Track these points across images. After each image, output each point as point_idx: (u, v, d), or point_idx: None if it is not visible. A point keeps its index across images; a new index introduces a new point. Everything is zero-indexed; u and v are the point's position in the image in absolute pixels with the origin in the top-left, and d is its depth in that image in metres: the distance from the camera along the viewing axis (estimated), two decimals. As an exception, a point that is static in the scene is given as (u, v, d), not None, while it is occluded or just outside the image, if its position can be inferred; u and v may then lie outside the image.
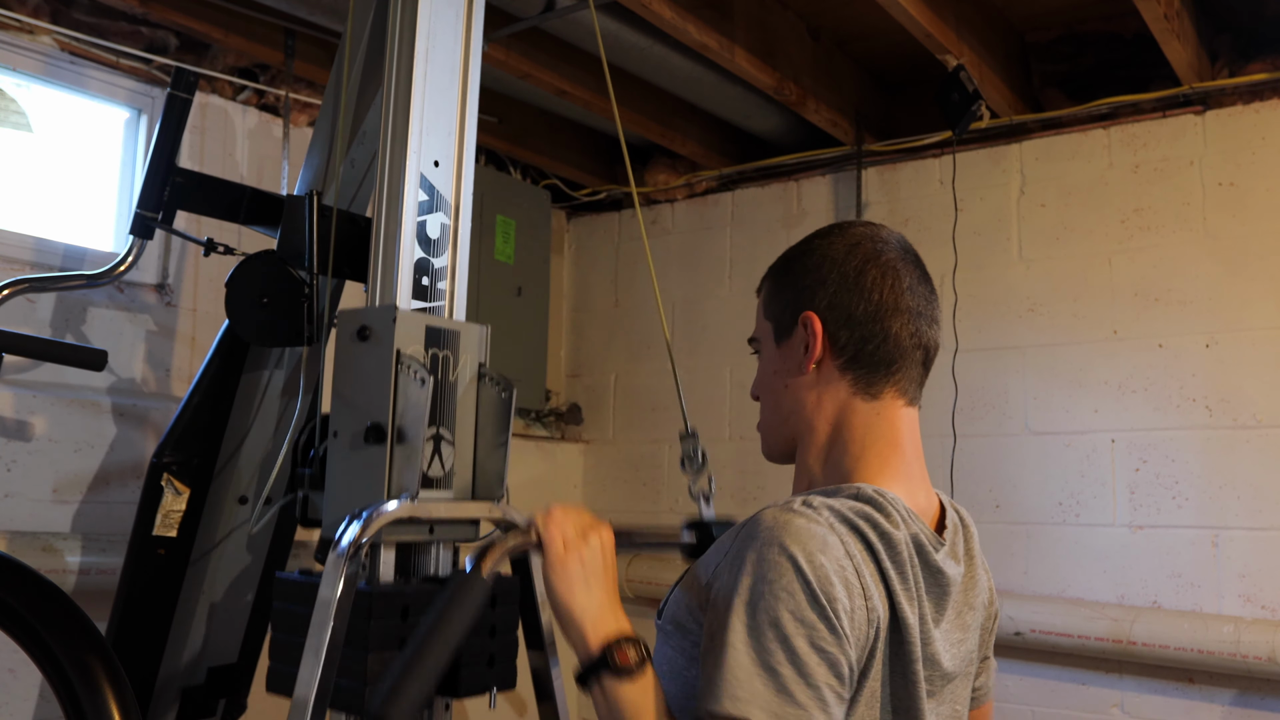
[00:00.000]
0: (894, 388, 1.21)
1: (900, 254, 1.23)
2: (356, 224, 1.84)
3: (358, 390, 1.56)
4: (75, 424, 2.44)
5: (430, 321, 1.61)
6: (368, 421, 1.53)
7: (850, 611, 1.03)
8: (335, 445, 1.58)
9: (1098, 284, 3.00)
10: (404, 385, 1.53)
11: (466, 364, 1.65)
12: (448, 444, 1.59)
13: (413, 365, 1.53)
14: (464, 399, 1.64)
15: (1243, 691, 2.69)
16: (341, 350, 1.60)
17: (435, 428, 1.57)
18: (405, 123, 1.65)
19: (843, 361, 1.21)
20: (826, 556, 1.04)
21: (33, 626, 1.59)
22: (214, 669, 2.10)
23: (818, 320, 1.21)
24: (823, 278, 1.22)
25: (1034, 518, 3.02)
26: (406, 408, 1.52)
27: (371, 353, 1.56)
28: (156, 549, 1.98)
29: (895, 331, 1.20)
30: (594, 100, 3.06)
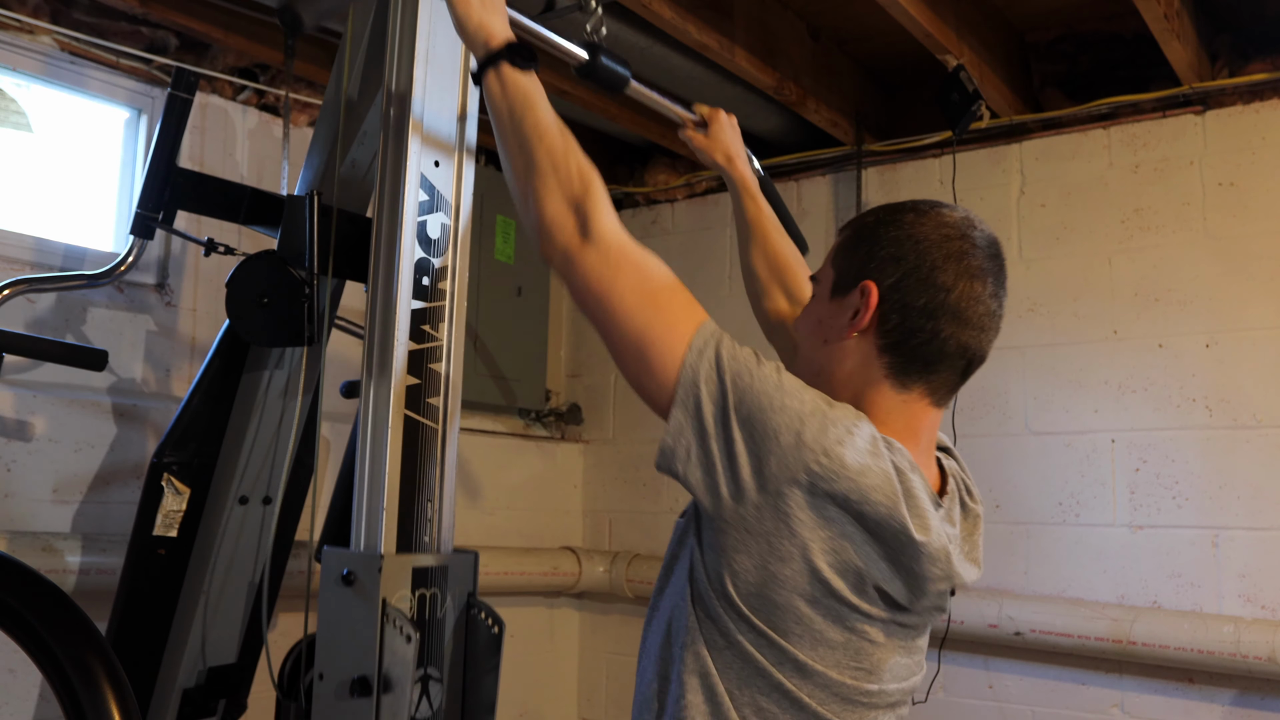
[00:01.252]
0: (925, 385, 1.22)
1: (986, 259, 1.23)
2: (356, 224, 1.84)
3: (343, 637, 1.54)
4: (75, 424, 2.44)
5: (417, 562, 1.58)
6: (354, 674, 1.51)
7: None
8: (321, 688, 1.55)
9: (1098, 284, 3.00)
10: (389, 638, 1.50)
11: (456, 595, 1.62)
12: (436, 682, 1.58)
13: (399, 620, 1.50)
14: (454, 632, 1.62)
15: (1243, 691, 2.69)
16: (326, 590, 1.57)
17: (423, 669, 1.56)
18: (405, 123, 1.65)
19: (884, 344, 1.21)
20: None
21: (33, 626, 1.59)
22: (214, 669, 2.10)
23: (876, 295, 1.20)
24: (900, 255, 1.21)
25: (1034, 518, 3.02)
26: (393, 661, 1.50)
27: (356, 601, 1.53)
28: (156, 549, 1.98)
29: (945, 335, 1.20)
30: (594, 100, 3.06)
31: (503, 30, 1.34)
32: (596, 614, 3.78)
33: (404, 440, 1.60)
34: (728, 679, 1.14)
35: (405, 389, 1.61)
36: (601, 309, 1.17)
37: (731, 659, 1.14)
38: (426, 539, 1.62)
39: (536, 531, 3.65)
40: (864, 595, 1.12)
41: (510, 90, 1.30)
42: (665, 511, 3.65)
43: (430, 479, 1.63)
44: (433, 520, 1.63)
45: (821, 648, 1.13)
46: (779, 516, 1.08)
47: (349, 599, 1.54)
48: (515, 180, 1.28)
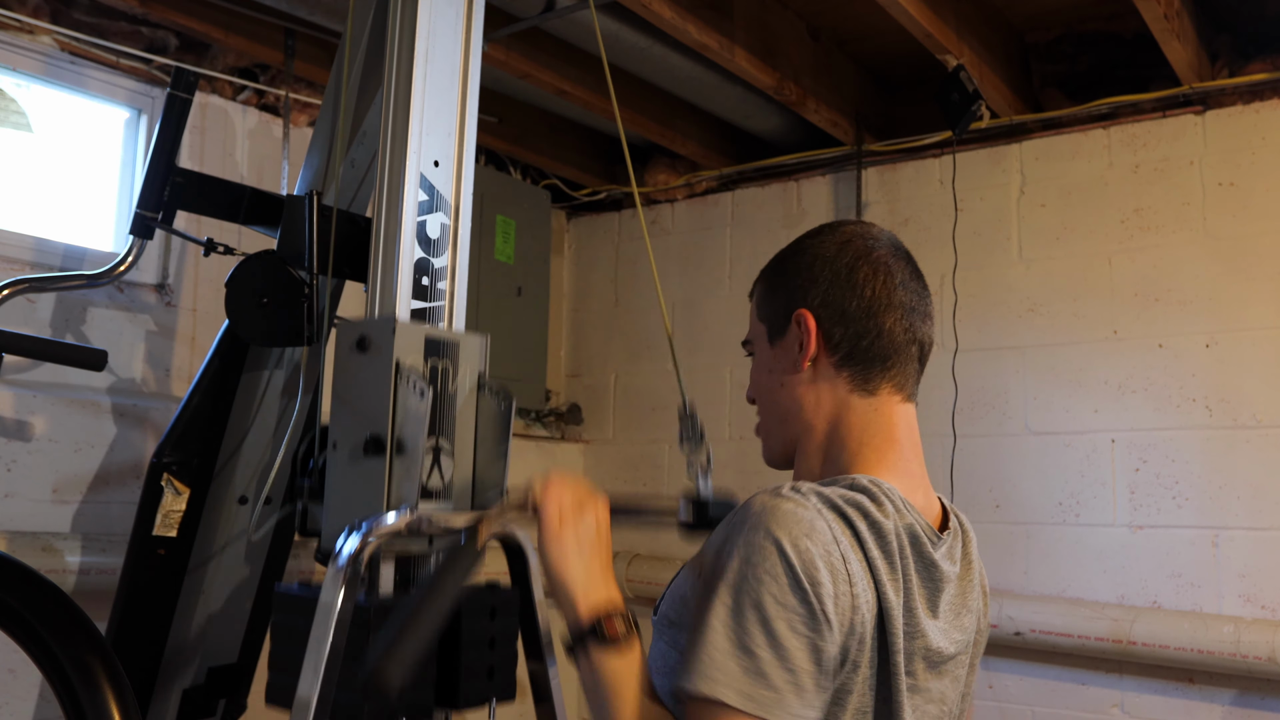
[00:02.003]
0: (890, 383, 1.21)
1: (891, 250, 1.24)
2: (356, 224, 1.84)
3: (357, 401, 1.55)
4: (75, 424, 2.44)
5: (430, 332, 1.60)
6: (367, 433, 1.52)
7: (835, 597, 1.03)
8: (334, 456, 1.57)
9: (1098, 284, 3.00)
10: (403, 396, 1.52)
11: (466, 374, 1.64)
12: (447, 455, 1.59)
13: (412, 377, 1.52)
14: (463, 410, 1.63)
15: (1243, 691, 2.69)
16: (340, 360, 1.59)
17: (434, 439, 1.57)
18: (405, 123, 1.65)
19: (838, 358, 1.21)
20: (812, 541, 1.04)
21: (33, 626, 1.59)
22: (214, 669, 2.10)
23: (811, 317, 1.21)
24: (815, 276, 1.22)
25: (1034, 518, 3.02)
26: (406, 419, 1.51)
27: (370, 364, 1.55)
28: (156, 549, 1.98)
29: (889, 327, 1.20)
30: (594, 100, 3.06)
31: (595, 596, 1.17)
32: (596, 614, 3.78)
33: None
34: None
35: (405, 388, 1.61)
36: None
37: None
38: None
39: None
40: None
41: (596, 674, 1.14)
42: (665, 511, 3.64)
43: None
44: None
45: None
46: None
47: (363, 363, 1.55)
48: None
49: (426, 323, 1.63)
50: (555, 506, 1.21)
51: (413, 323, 1.60)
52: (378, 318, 1.60)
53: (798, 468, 1.25)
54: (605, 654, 1.13)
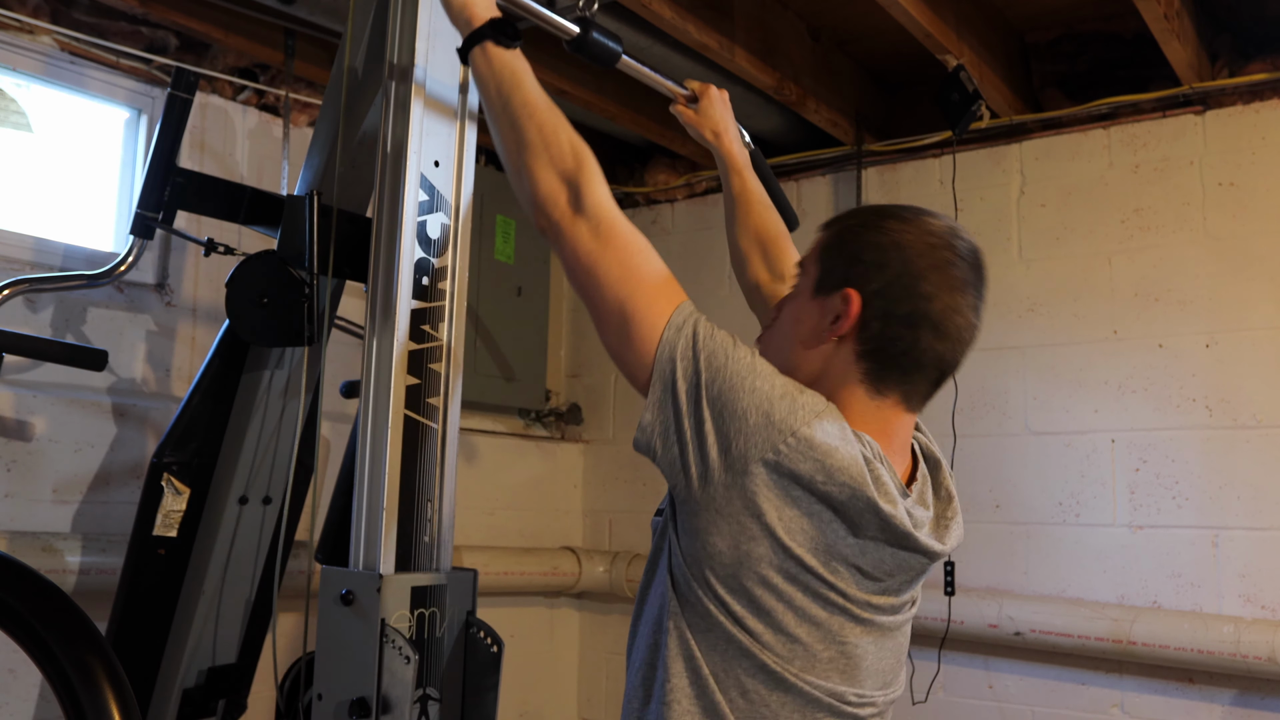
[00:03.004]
0: (900, 393, 1.22)
1: (970, 270, 1.23)
2: (357, 224, 1.84)
3: (342, 657, 1.54)
4: (75, 424, 2.44)
5: (416, 581, 1.57)
6: (353, 694, 1.51)
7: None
8: (320, 709, 1.55)
9: (1098, 284, 3.00)
10: (389, 658, 1.50)
11: (455, 614, 1.62)
12: (435, 702, 1.57)
13: (397, 641, 1.50)
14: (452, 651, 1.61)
15: (1243, 691, 2.69)
16: (325, 610, 1.56)
17: (422, 689, 1.55)
18: (405, 123, 1.65)
19: (862, 350, 1.20)
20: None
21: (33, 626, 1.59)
22: (214, 669, 2.10)
23: (858, 303, 1.20)
24: (884, 262, 1.20)
25: (1034, 518, 3.02)
26: (392, 682, 1.50)
27: (355, 623, 1.53)
28: (156, 549, 1.98)
29: (924, 346, 1.20)
30: (594, 100, 3.06)
31: (486, 8, 1.37)
32: (596, 614, 3.78)
33: (404, 440, 1.60)
34: (711, 661, 1.15)
35: (405, 389, 1.61)
36: (589, 280, 1.20)
37: (714, 640, 1.15)
38: (426, 540, 1.62)
39: (536, 531, 3.65)
40: (834, 571, 1.14)
41: (496, 67, 1.32)
42: (665, 511, 3.65)
43: (430, 479, 1.63)
44: (432, 521, 1.63)
45: (804, 625, 1.14)
46: (746, 496, 1.09)
47: (348, 619, 1.53)
48: (508, 156, 1.30)
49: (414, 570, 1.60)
50: None
51: (398, 574, 1.57)
52: (362, 571, 1.57)
53: None
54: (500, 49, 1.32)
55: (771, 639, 1.13)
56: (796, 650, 1.14)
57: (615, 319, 1.18)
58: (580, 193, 1.22)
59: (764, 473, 1.09)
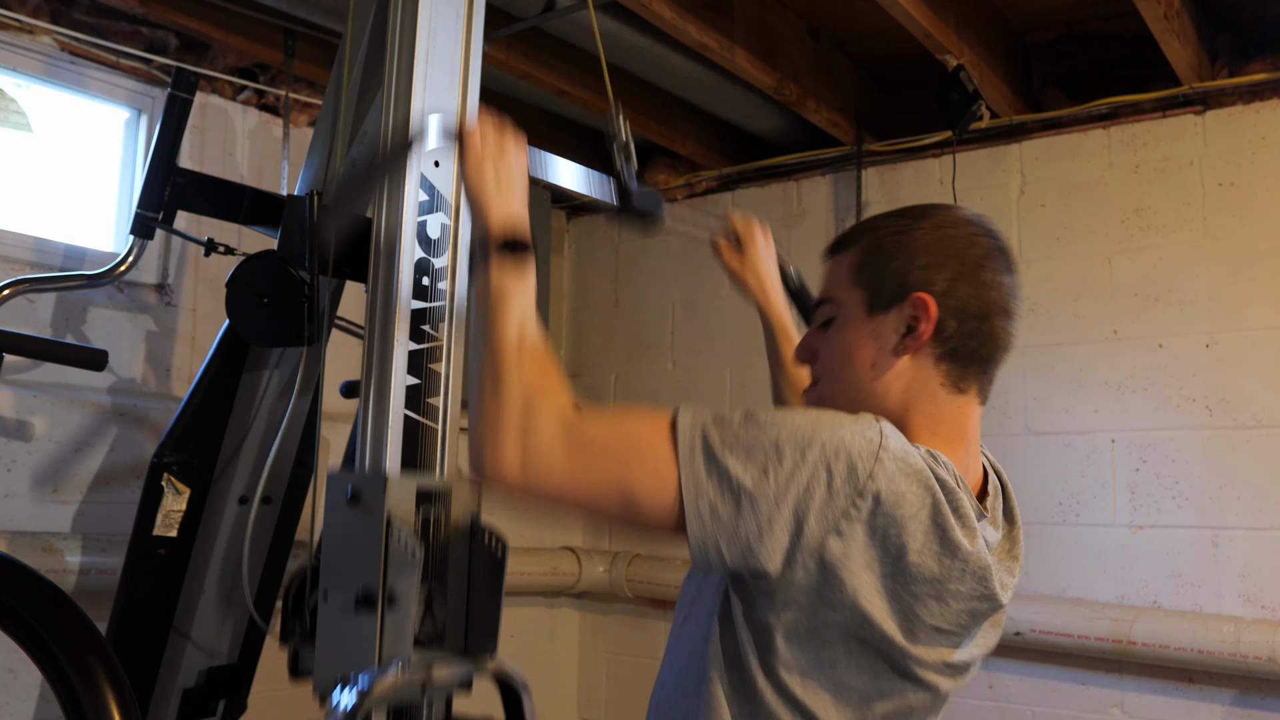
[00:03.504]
0: (978, 383, 1.20)
1: (1005, 252, 1.21)
2: (357, 224, 1.84)
3: (348, 554, 1.55)
4: (75, 424, 2.44)
5: (422, 483, 1.59)
6: (359, 588, 1.52)
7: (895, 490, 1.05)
8: (326, 607, 1.56)
9: (1098, 284, 3.00)
10: (394, 553, 1.51)
11: (460, 518, 1.63)
12: (440, 602, 1.58)
13: (403, 535, 1.51)
14: (457, 553, 1.61)
15: (1243, 691, 2.69)
16: (331, 510, 1.58)
17: (427, 586, 1.56)
18: (405, 123, 1.65)
19: (942, 352, 1.17)
20: (895, 443, 1.07)
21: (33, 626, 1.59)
22: (214, 669, 2.10)
23: (935, 306, 1.15)
24: (942, 261, 1.17)
25: (1034, 518, 3.01)
26: (397, 576, 1.51)
27: (361, 520, 1.54)
28: (156, 549, 1.98)
29: (998, 332, 1.18)
30: (594, 100, 3.06)
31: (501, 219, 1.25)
32: (596, 614, 3.78)
33: (404, 440, 1.61)
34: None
35: (405, 389, 1.61)
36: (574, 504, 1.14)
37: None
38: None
39: (536, 531, 3.65)
40: (914, 638, 1.09)
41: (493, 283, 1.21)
42: (665, 511, 3.64)
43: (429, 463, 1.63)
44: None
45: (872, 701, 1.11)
46: (824, 569, 1.04)
47: (354, 517, 1.55)
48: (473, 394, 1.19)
49: (418, 472, 1.61)
50: (478, 138, 1.32)
51: (404, 476, 1.58)
52: (368, 471, 1.58)
53: None
54: (503, 264, 1.22)
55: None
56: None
57: (619, 510, 1.09)
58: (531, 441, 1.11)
59: (839, 542, 1.04)
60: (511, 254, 1.22)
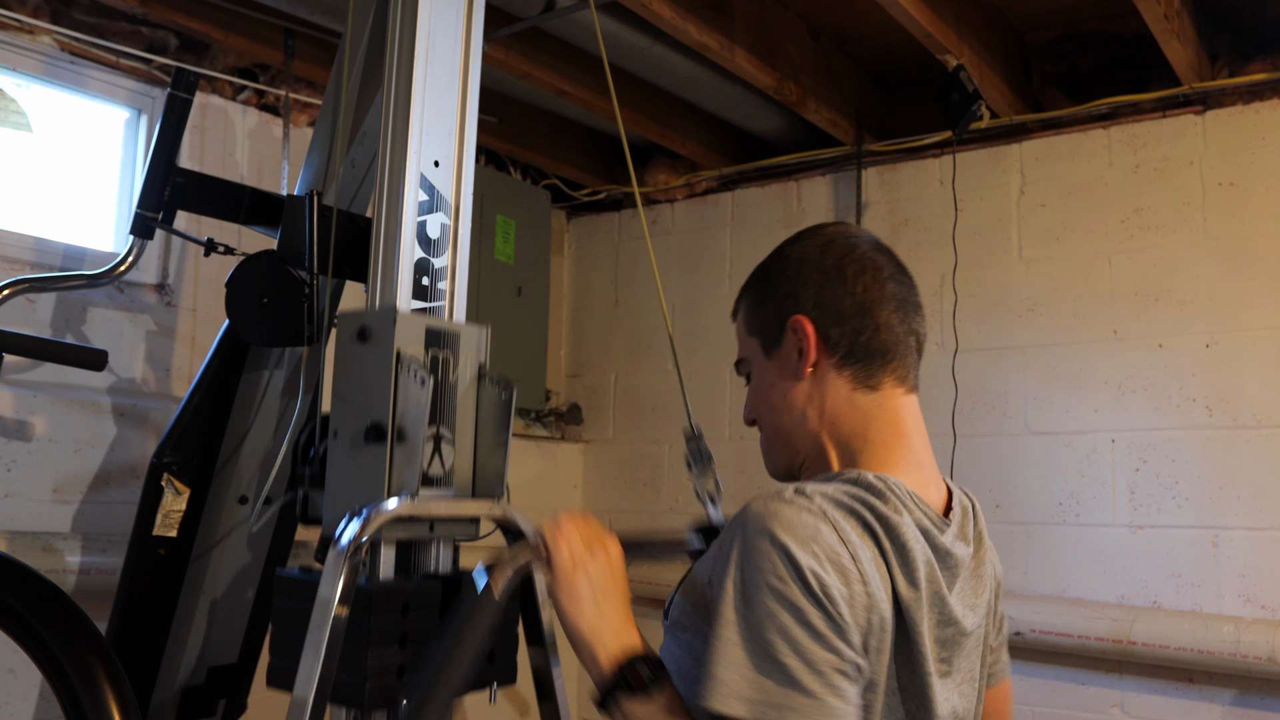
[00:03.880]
0: (892, 375, 1.20)
1: (873, 246, 1.23)
2: (356, 224, 1.84)
3: (358, 390, 1.56)
4: (75, 424, 2.44)
5: (430, 323, 1.61)
6: (368, 421, 1.53)
7: (849, 599, 1.02)
8: (335, 445, 1.58)
9: (1098, 284, 3.00)
10: (404, 385, 1.53)
11: (466, 365, 1.65)
12: (448, 443, 1.59)
13: (413, 365, 1.53)
14: (464, 399, 1.64)
15: (1243, 691, 2.69)
16: (341, 351, 1.60)
17: (435, 427, 1.57)
18: (405, 123, 1.65)
19: (838, 358, 1.19)
20: (819, 545, 1.02)
21: (33, 626, 1.60)
22: (214, 669, 2.10)
23: (807, 322, 1.19)
24: (804, 280, 1.21)
25: (1034, 518, 3.02)
26: (407, 407, 1.52)
27: (371, 353, 1.56)
28: (157, 549, 1.98)
29: (885, 320, 1.20)
30: (594, 100, 3.06)
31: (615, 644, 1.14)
32: (596, 614, 3.78)
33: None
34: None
35: (405, 388, 1.61)
36: None
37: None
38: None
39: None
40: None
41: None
42: (665, 511, 3.65)
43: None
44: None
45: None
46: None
47: (363, 353, 1.56)
48: None
49: (428, 315, 1.64)
50: (566, 549, 1.19)
51: (414, 314, 1.61)
52: (378, 309, 1.61)
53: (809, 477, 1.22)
54: (635, 702, 1.10)
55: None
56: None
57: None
58: None
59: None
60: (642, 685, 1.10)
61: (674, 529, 1.43)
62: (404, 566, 1.60)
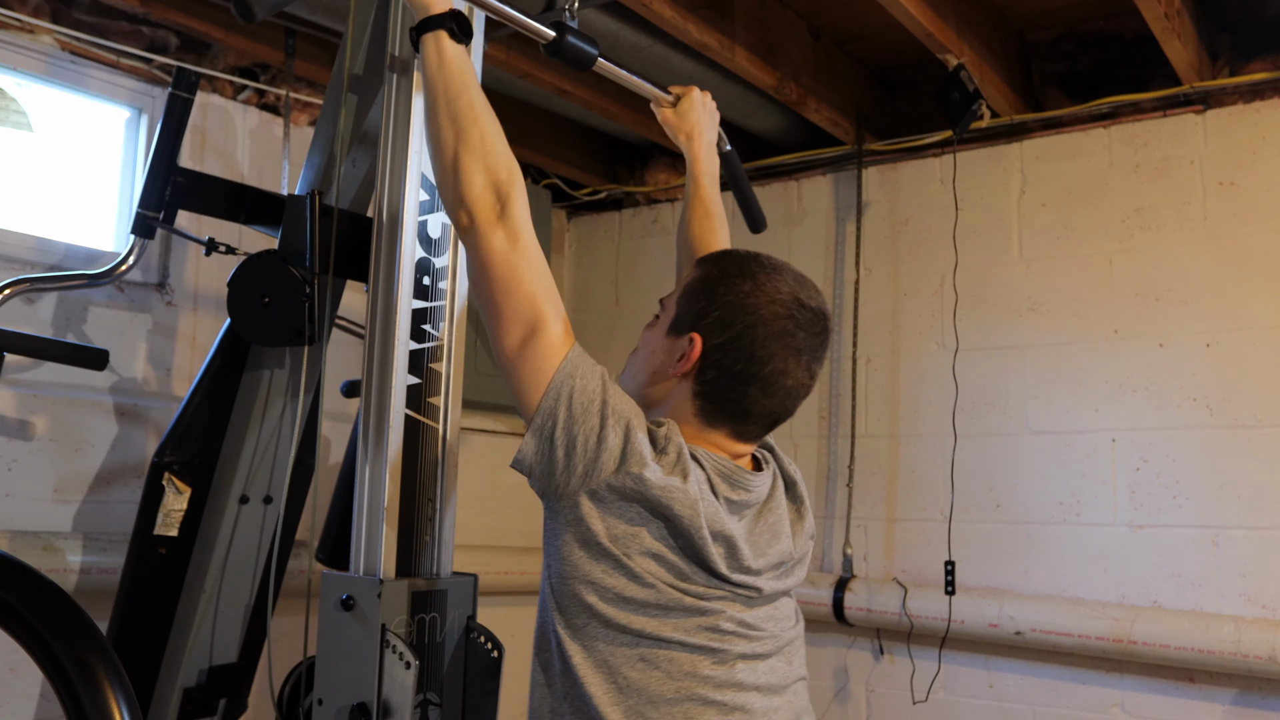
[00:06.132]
0: (730, 431, 1.37)
1: (808, 338, 1.35)
2: (357, 223, 1.84)
3: (342, 662, 1.54)
4: (76, 424, 2.44)
5: (416, 587, 1.58)
6: (353, 700, 1.51)
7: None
8: (321, 714, 1.55)
9: (1098, 283, 3.00)
10: (389, 664, 1.50)
11: (455, 620, 1.63)
12: (435, 707, 1.58)
13: (398, 647, 1.50)
14: (452, 657, 1.62)
15: (1243, 691, 2.69)
16: (325, 616, 1.57)
17: (422, 694, 1.56)
18: (406, 122, 1.65)
19: (698, 389, 1.35)
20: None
21: (34, 626, 1.59)
22: (214, 668, 2.10)
23: (699, 350, 1.34)
24: (729, 321, 1.34)
25: (1034, 517, 3.02)
26: (392, 687, 1.50)
27: (356, 627, 1.53)
28: (157, 548, 1.98)
29: (751, 400, 1.34)
30: (594, 100, 3.06)
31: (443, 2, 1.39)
32: (597, 613, 3.78)
33: (404, 440, 1.61)
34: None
35: (406, 389, 1.61)
36: (502, 284, 1.27)
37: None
38: (428, 540, 1.62)
39: (536, 531, 3.63)
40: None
41: (448, 60, 1.35)
42: (666, 511, 3.64)
43: (430, 478, 1.63)
44: (433, 521, 1.63)
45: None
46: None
47: (348, 624, 1.54)
48: (441, 149, 1.34)
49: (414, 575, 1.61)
50: None
51: (398, 579, 1.57)
52: (362, 576, 1.57)
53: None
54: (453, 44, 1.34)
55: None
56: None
57: (525, 322, 1.26)
58: (507, 203, 1.30)
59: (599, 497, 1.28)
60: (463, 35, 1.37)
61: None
62: None
